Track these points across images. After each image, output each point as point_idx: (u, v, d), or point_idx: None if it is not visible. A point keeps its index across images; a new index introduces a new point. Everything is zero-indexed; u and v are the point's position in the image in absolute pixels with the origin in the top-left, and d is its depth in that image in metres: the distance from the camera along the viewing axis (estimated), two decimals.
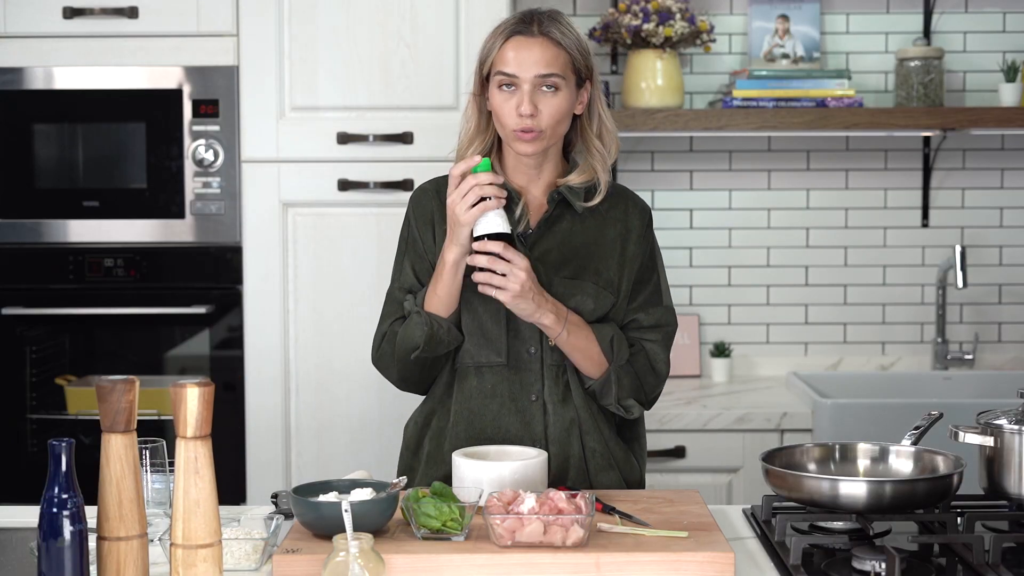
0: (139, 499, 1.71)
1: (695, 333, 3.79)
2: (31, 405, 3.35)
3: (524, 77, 2.24)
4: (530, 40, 2.25)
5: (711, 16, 3.74)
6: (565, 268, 2.31)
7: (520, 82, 2.24)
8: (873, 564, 1.80)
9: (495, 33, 2.30)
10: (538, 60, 2.24)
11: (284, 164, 3.24)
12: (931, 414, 2.22)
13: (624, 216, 2.38)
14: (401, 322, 2.33)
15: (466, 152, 2.33)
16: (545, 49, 2.25)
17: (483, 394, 2.32)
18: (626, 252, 2.36)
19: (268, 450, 3.26)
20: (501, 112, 2.26)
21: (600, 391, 2.32)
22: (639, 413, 2.36)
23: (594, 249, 2.34)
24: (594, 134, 2.34)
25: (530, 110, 2.23)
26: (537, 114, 2.24)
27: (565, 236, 2.33)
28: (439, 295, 2.26)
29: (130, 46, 3.24)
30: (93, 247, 3.28)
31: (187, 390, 1.69)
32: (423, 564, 1.83)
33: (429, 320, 2.26)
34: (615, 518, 2.02)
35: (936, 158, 3.80)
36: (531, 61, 2.24)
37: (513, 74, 2.24)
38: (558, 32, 2.26)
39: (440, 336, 2.27)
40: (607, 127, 2.35)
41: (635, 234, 2.37)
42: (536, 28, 2.26)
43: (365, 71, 3.22)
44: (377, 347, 2.37)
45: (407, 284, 2.36)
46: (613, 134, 2.36)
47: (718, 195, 3.82)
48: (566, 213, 2.35)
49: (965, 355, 3.73)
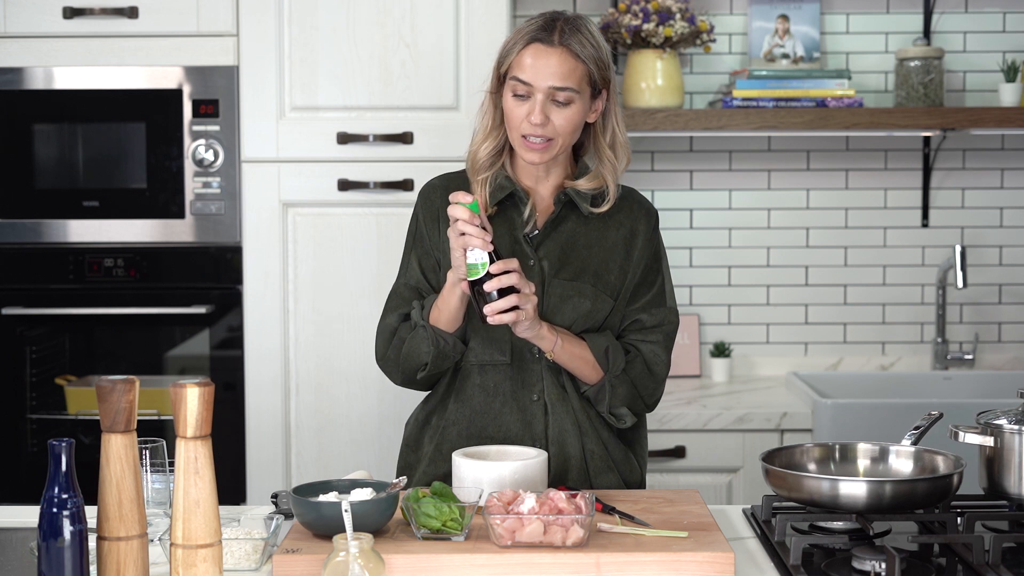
0: (139, 499, 1.71)
1: (695, 333, 3.79)
2: (31, 405, 3.35)
3: (538, 87, 2.22)
4: (549, 50, 2.23)
5: (711, 16, 3.74)
6: (566, 269, 2.31)
7: (534, 91, 2.23)
8: (873, 564, 1.80)
9: (517, 34, 2.27)
10: (554, 72, 2.22)
11: (284, 164, 3.24)
12: (931, 414, 2.22)
13: (630, 219, 2.37)
14: (404, 319, 2.34)
15: (479, 148, 2.33)
16: (563, 61, 2.23)
17: (486, 392, 2.33)
18: (631, 255, 2.35)
19: (268, 450, 3.26)
20: (512, 116, 2.26)
21: (595, 397, 2.32)
22: (630, 423, 2.36)
23: (597, 252, 2.34)
24: (606, 143, 2.33)
25: (540, 119, 2.22)
26: (547, 124, 2.23)
27: (569, 238, 2.33)
28: (442, 310, 2.26)
29: (130, 46, 3.24)
30: (93, 247, 3.28)
31: (187, 390, 1.69)
32: (423, 564, 1.83)
33: (435, 337, 2.26)
34: (615, 518, 2.02)
35: (936, 158, 3.80)
36: (547, 72, 2.22)
37: (528, 82, 2.23)
38: (578, 44, 2.23)
39: (446, 352, 2.28)
40: (620, 140, 2.33)
41: (641, 237, 2.37)
42: (557, 37, 2.23)
43: (365, 71, 3.22)
44: (383, 347, 2.36)
45: (413, 279, 2.36)
46: (626, 146, 2.34)
47: (718, 195, 3.82)
48: (572, 215, 2.35)
49: (965, 355, 3.73)
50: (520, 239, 2.31)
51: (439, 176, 2.43)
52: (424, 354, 2.27)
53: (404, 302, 2.36)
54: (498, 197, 2.32)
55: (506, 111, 2.28)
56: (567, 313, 2.29)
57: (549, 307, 2.29)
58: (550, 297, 2.29)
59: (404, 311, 2.35)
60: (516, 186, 2.32)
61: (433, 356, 2.27)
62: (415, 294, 2.35)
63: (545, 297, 2.29)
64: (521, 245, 2.31)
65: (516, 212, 2.33)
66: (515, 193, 2.32)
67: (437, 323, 2.27)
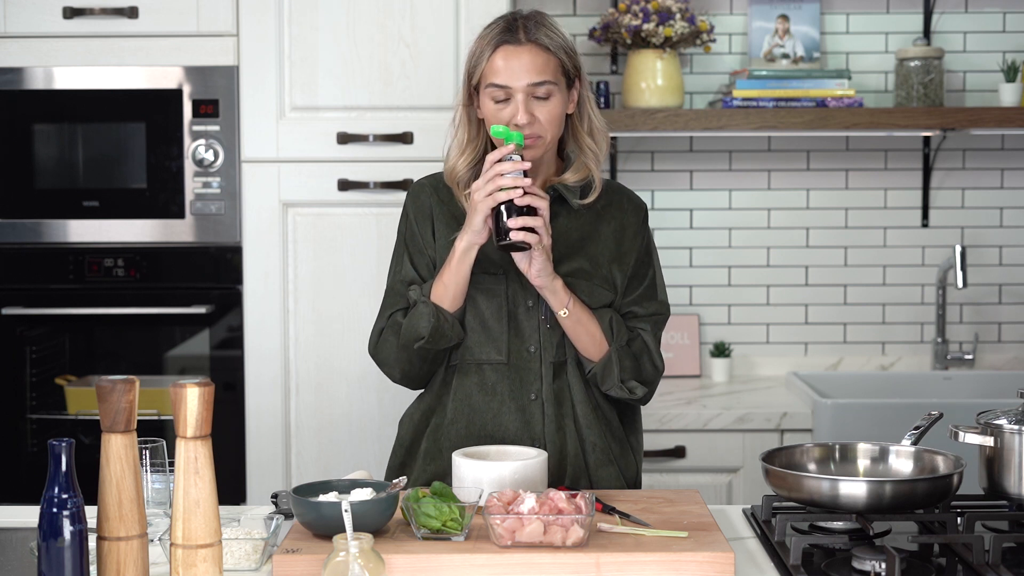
0: (139, 499, 1.71)
1: (695, 333, 3.79)
2: (31, 405, 3.35)
3: (517, 87, 2.24)
4: (518, 48, 2.24)
5: (711, 16, 3.74)
6: (562, 264, 2.31)
7: (513, 92, 2.24)
8: (873, 564, 1.80)
9: (481, 42, 2.28)
10: (529, 68, 2.23)
11: (284, 164, 3.24)
12: (931, 414, 2.22)
13: (620, 212, 2.39)
14: (403, 314, 2.34)
15: (456, 162, 2.33)
16: (535, 56, 2.24)
17: (483, 391, 2.33)
18: (622, 247, 2.36)
19: (268, 450, 3.26)
20: (496, 122, 2.26)
21: (602, 374, 2.31)
22: (642, 394, 2.35)
23: (591, 245, 2.34)
24: (585, 132, 2.34)
25: (527, 119, 2.23)
26: (534, 122, 2.24)
27: (562, 232, 2.34)
28: (446, 284, 2.26)
29: (130, 46, 3.24)
30: (93, 247, 3.28)
31: (187, 390, 1.69)
32: (423, 564, 1.83)
33: (436, 312, 2.26)
34: (615, 518, 2.02)
35: (936, 158, 3.80)
36: (522, 70, 2.23)
37: (505, 85, 2.24)
38: (545, 37, 2.25)
39: (444, 330, 2.27)
40: (597, 125, 2.35)
41: (631, 230, 2.38)
42: (523, 35, 2.25)
43: (365, 71, 3.22)
44: (376, 338, 2.37)
45: (407, 278, 2.36)
46: (604, 131, 2.36)
47: (718, 195, 3.82)
48: (562, 210, 2.36)
49: (965, 355, 3.73)
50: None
51: (426, 176, 2.45)
52: (423, 328, 2.27)
53: (401, 301, 2.36)
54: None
55: (488, 119, 2.28)
56: None
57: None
58: None
59: (403, 307, 2.35)
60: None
61: (431, 330, 2.26)
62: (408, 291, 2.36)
63: None
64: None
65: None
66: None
67: (441, 301, 2.27)
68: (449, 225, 2.34)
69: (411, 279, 2.36)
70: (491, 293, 2.30)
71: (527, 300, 2.31)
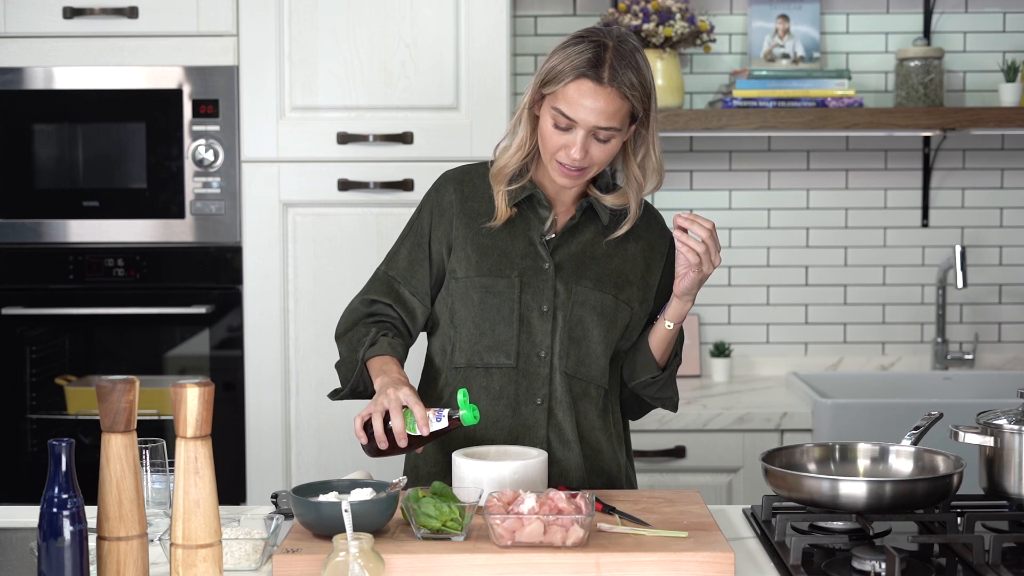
0: (139, 499, 1.71)
1: (695, 333, 3.79)
2: (31, 405, 3.35)
3: (582, 124, 2.18)
4: (598, 89, 2.16)
5: (711, 16, 3.74)
6: (586, 278, 2.30)
7: (576, 127, 2.18)
8: (873, 564, 1.80)
9: (564, 60, 2.19)
10: (601, 112, 2.17)
11: (284, 164, 3.24)
12: (931, 414, 2.22)
13: (648, 233, 2.37)
14: (370, 304, 2.36)
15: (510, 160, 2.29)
16: (610, 102, 2.17)
17: (490, 395, 2.31)
18: (650, 267, 2.36)
19: (268, 450, 3.26)
20: (549, 141, 2.22)
21: (665, 383, 2.39)
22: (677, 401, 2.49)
23: (617, 262, 2.33)
24: (636, 162, 2.29)
25: (580, 156, 2.18)
26: (586, 157, 2.20)
27: (587, 246, 2.32)
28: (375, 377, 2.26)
29: (130, 46, 3.24)
30: (93, 247, 3.29)
31: (187, 390, 1.69)
32: (423, 564, 1.83)
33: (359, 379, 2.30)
34: (615, 518, 2.02)
35: (936, 158, 3.80)
36: (594, 112, 2.17)
37: (572, 118, 2.18)
38: (627, 83, 2.17)
39: (359, 392, 2.34)
40: (652, 161, 2.30)
41: (658, 252, 2.37)
42: (607, 75, 2.16)
43: (365, 71, 3.22)
44: (343, 328, 2.38)
45: (394, 270, 2.36)
46: (658, 168, 2.31)
47: (718, 195, 3.82)
48: (591, 224, 2.33)
49: (965, 355, 3.73)
50: (535, 241, 2.30)
51: (456, 168, 2.40)
52: (343, 380, 2.34)
53: (378, 289, 2.36)
54: (519, 197, 2.31)
55: (543, 132, 2.23)
56: (592, 320, 2.29)
57: (574, 314, 2.28)
58: (575, 304, 2.29)
59: (373, 298, 2.36)
60: (537, 188, 2.31)
61: (347, 392, 2.34)
62: (390, 286, 2.35)
63: (571, 304, 2.29)
64: (536, 247, 2.30)
65: (534, 213, 2.32)
66: (535, 195, 2.31)
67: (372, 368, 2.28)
68: (470, 220, 2.32)
69: (399, 271, 2.35)
70: (503, 296, 2.28)
71: (541, 305, 2.29)
